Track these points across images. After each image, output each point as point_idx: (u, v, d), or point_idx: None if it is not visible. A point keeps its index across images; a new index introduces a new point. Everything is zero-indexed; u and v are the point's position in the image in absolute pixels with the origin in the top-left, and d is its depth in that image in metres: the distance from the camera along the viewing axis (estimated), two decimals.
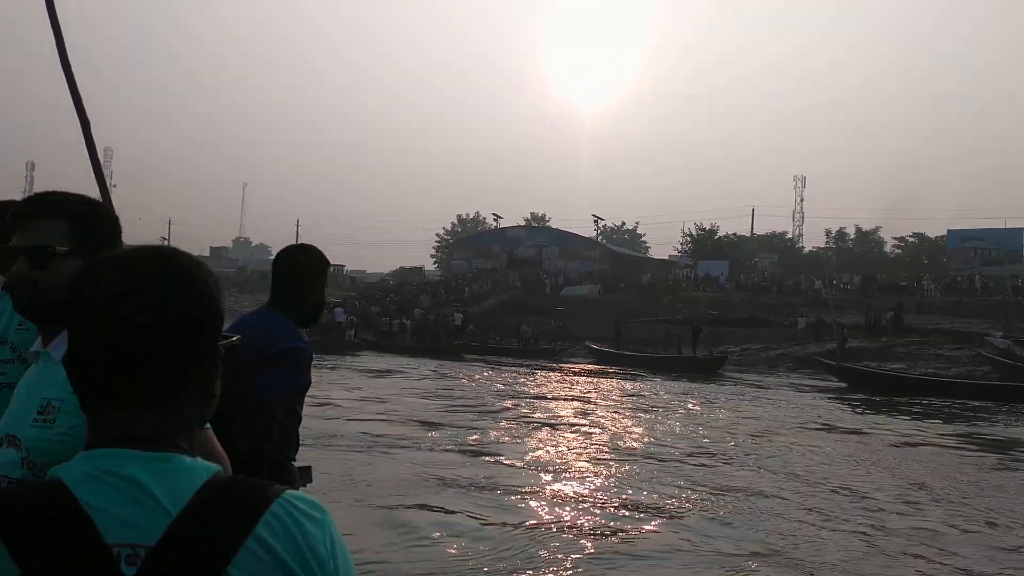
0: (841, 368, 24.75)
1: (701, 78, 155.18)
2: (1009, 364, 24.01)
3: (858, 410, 17.22)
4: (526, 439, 11.46)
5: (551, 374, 24.16)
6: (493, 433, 11.82)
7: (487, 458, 9.68)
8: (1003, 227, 44.36)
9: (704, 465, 9.75)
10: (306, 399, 2.53)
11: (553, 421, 13.62)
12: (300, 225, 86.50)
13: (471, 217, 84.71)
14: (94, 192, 1.83)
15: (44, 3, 2.14)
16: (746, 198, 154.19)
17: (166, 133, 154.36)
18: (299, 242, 2.85)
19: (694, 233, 56.38)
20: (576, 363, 29.79)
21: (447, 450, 10.17)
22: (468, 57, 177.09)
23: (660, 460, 10.00)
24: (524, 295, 43.80)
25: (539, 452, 10.38)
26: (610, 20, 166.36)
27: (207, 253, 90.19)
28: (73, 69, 2.47)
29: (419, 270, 60.11)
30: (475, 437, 11.28)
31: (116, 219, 1.54)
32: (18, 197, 1.78)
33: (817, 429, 13.68)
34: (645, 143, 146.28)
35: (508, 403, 15.76)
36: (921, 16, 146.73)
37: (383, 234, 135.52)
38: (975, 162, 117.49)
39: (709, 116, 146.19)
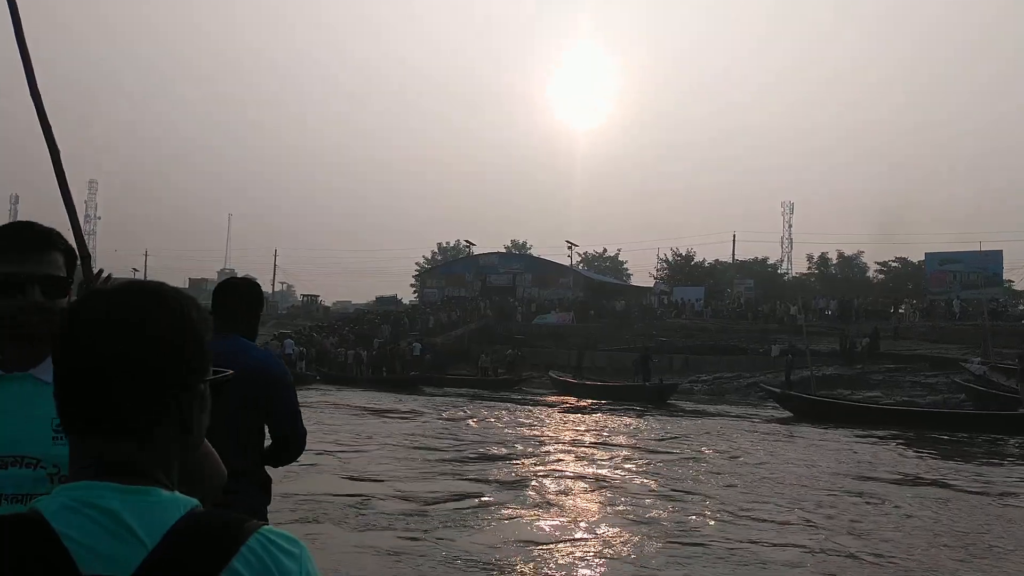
0: (784, 396, 23.45)
1: (688, 103, 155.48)
2: (982, 391, 22.81)
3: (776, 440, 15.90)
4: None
5: (499, 406, 22.76)
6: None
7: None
8: (979, 250, 43.45)
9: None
10: None
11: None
12: (278, 255, 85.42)
13: (451, 245, 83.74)
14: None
15: (12, 29, 2.13)
16: (733, 224, 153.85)
17: (151, 165, 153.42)
18: (246, 275, 3.24)
19: (670, 259, 55.36)
20: (535, 393, 28.56)
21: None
22: (454, 83, 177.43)
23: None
24: (496, 323, 42.62)
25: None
26: (595, 46, 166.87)
27: (187, 285, 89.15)
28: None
29: (393, 299, 58.85)
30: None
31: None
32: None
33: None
34: (631, 170, 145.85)
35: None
36: (903, 40, 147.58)
37: (366, 263, 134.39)
38: (968, 184, 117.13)
39: (694, 143, 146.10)
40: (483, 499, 9.08)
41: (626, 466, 11.87)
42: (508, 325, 42.17)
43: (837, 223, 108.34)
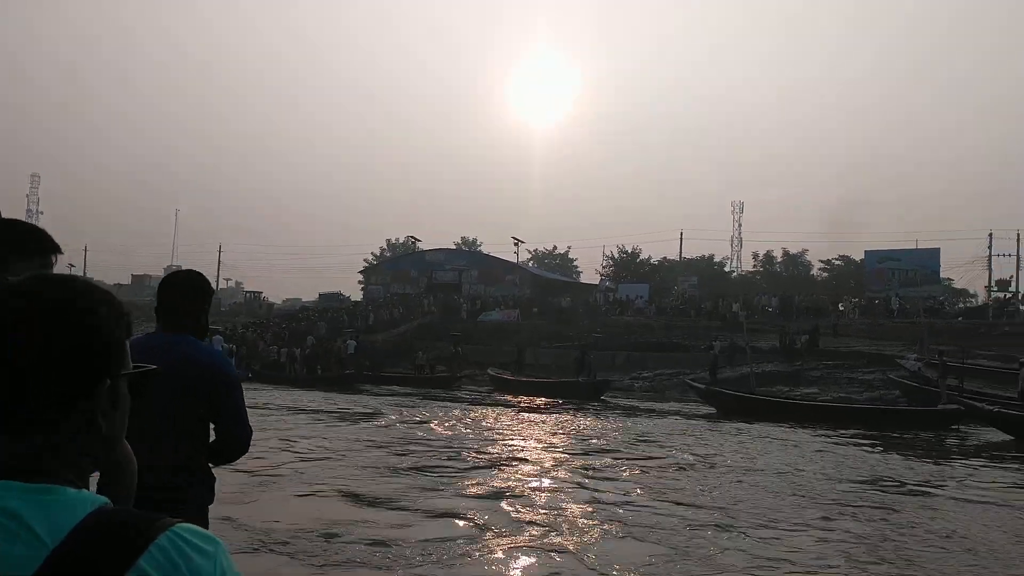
0: (709, 392, 23.33)
1: (643, 104, 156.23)
2: (915, 387, 22.85)
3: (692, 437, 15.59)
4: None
5: (448, 406, 21.99)
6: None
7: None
8: (916, 248, 44.01)
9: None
10: None
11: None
12: (222, 251, 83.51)
13: (400, 242, 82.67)
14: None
15: None
16: (685, 224, 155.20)
17: (94, 159, 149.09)
18: (192, 269, 3.02)
19: (616, 256, 55.10)
20: (474, 391, 27.97)
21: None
22: (408, 76, 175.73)
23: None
24: (441, 320, 41.88)
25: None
26: (552, 46, 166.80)
27: (128, 281, 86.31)
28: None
29: (336, 295, 57.63)
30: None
31: None
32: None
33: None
34: (585, 169, 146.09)
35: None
36: (866, 42, 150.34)
37: (317, 260, 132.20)
38: (920, 184, 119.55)
39: (647, 142, 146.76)
40: (462, 523, 7.73)
41: (606, 475, 10.92)
42: (453, 322, 41.53)
43: (788, 222, 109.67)
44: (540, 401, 24.53)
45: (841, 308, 38.53)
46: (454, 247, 69.10)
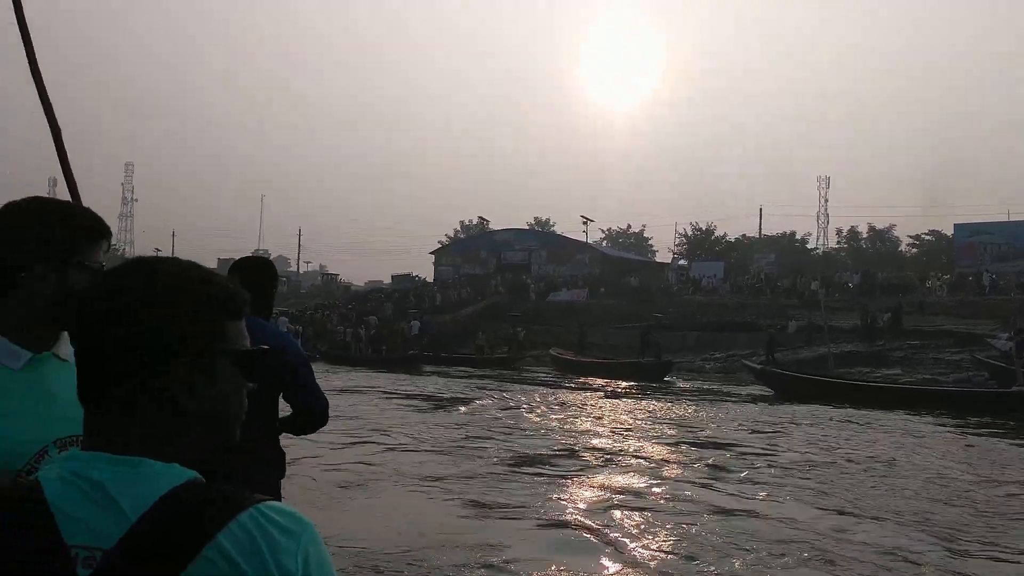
0: (764, 372, 22.09)
1: (722, 81, 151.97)
2: (1005, 368, 21.22)
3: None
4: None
5: (509, 387, 21.38)
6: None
7: None
8: (1009, 220, 41.09)
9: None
10: None
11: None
12: (309, 236, 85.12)
13: (473, 223, 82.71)
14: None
15: (14, 13, 2.13)
16: (766, 200, 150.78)
17: (187, 146, 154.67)
18: (259, 255, 3.92)
19: (689, 234, 53.55)
20: (537, 372, 27.50)
21: None
22: (479, 62, 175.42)
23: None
24: (509, 301, 41.52)
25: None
26: (636, 21, 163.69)
27: (215, 265, 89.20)
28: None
29: (409, 277, 57.94)
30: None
31: None
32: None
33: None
34: (664, 147, 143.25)
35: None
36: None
37: (393, 242, 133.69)
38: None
39: (729, 118, 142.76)
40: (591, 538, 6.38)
41: (744, 477, 9.21)
42: (521, 303, 41.11)
43: (878, 196, 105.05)
44: (623, 385, 23.57)
45: (928, 285, 36.37)
46: (526, 227, 68.58)
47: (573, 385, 23.34)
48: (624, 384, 23.70)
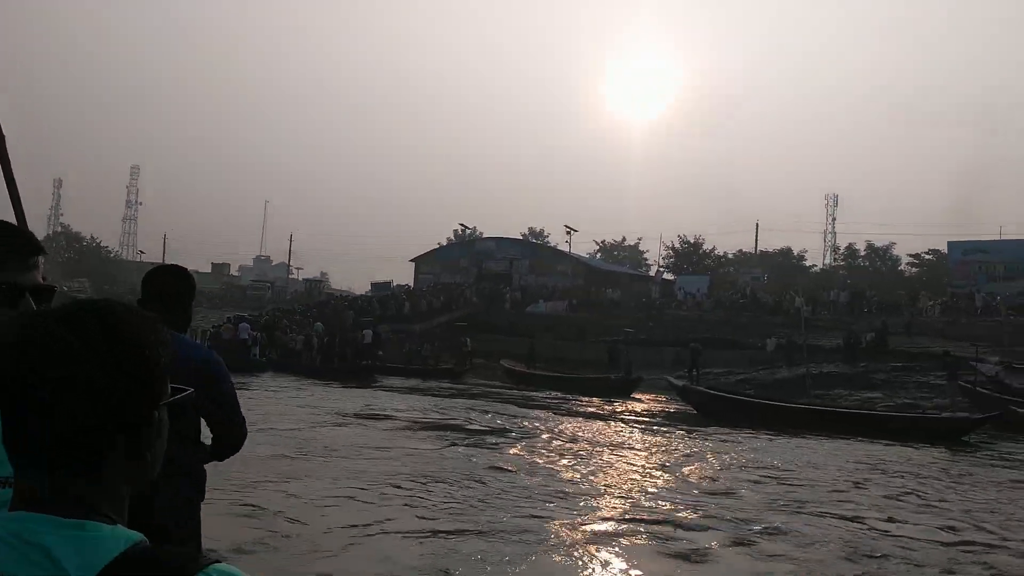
0: (686, 391, 20.28)
1: (729, 95, 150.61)
2: (984, 393, 19.49)
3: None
4: None
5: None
6: None
7: None
8: (1007, 238, 39.25)
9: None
10: None
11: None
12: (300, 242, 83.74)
13: (468, 231, 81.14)
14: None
15: None
16: (773, 216, 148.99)
17: (192, 152, 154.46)
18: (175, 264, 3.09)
19: (677, 246, 51.84)
20: (480, 383, 26.06)
21: None
22: (481, 68, 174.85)
23: None
24: (488, 311, 39.90)
25: None
26: (649, 38, 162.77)
27: (209, 270, 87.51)
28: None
29: (387, 284, 56.35)
30: None
31: None
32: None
33: None
34: (661, 162, 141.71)
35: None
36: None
37: (388, 250, 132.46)
38: None
39: (739, 135, 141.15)
40: None
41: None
42: (497, 313, 39.54)
43: (902, 214, 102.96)
44: (583, 399, 21.92)
45: (919, 305, 34.58)
46: (510, 237, 67.05)
47: (575, 409, 20.29)
48: (584, 399, 22.03)
